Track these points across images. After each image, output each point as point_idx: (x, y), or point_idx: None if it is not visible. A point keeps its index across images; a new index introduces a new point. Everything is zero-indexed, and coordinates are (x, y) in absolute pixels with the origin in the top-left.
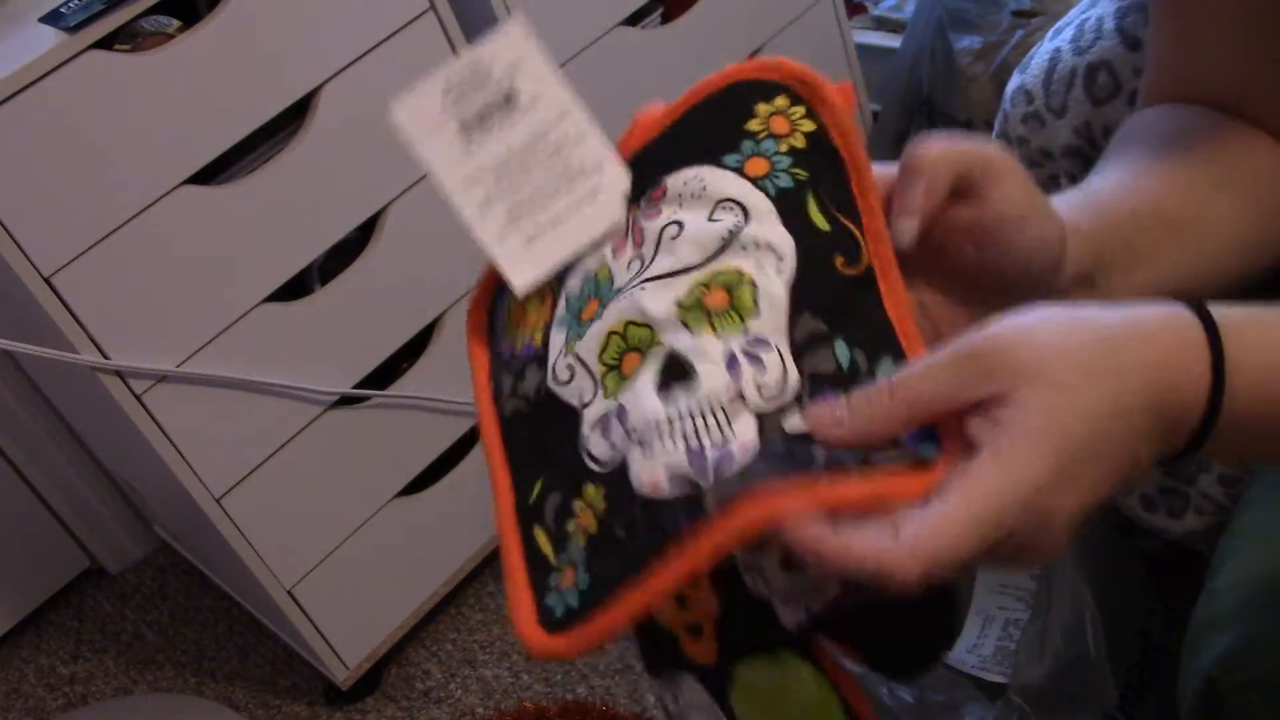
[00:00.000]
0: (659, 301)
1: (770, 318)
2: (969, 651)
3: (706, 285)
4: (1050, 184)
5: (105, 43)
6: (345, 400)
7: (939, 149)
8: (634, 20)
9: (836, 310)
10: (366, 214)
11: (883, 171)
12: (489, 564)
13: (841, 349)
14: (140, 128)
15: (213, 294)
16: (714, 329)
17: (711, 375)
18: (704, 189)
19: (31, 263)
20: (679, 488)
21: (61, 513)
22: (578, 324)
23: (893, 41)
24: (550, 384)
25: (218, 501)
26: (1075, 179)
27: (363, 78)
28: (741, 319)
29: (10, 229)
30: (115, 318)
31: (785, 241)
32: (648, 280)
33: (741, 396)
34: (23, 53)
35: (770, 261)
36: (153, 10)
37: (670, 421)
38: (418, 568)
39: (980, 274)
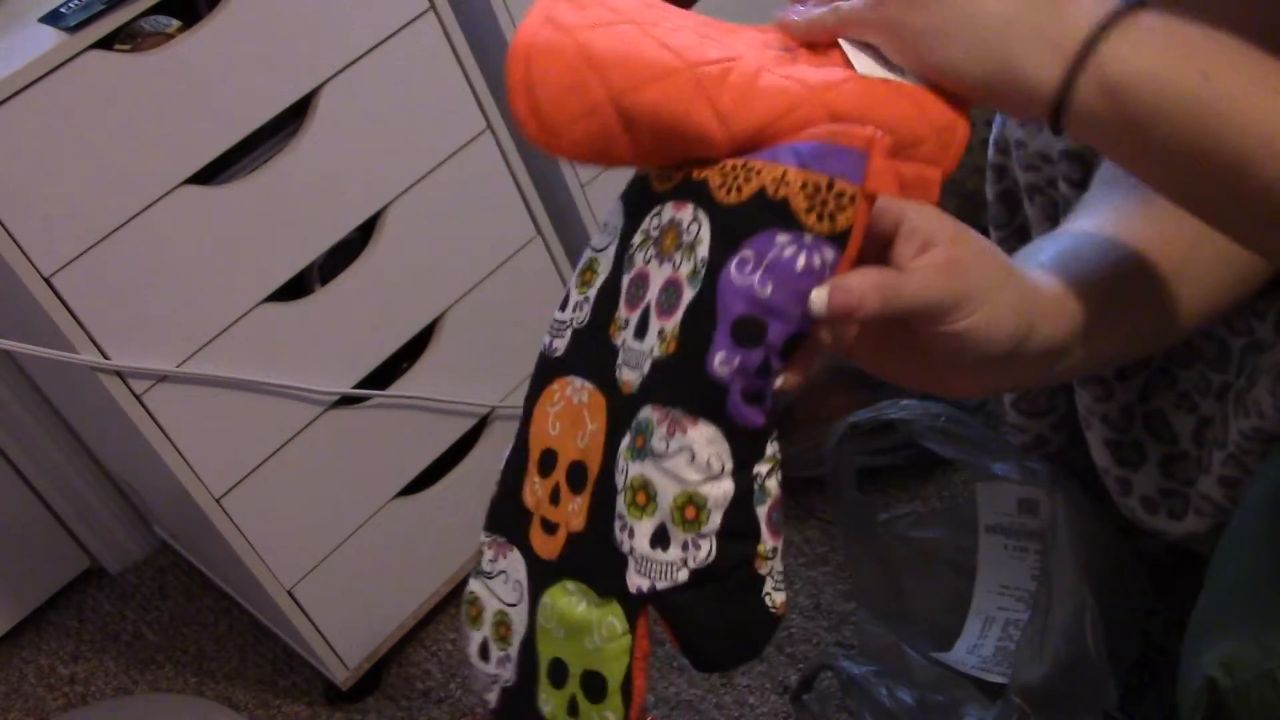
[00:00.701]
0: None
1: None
2: (969, 652)
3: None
4: (1048, 187)
5: (105, 43)
6: (345, 400)
7: (908, 296)
8: None
9: None
10: (366, 214)
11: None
12: None
13: None
14: (140, 128)
15: (213, 294)
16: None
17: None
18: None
19: (31, 263)
20: None
21: (61, 513)
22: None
23: None
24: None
25: (218, 501)
26: (1073, 182)
27: (363, 78)
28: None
29: (10, 229)
30: (115, 318)
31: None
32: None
33: None
34: (23, 53)
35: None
36: (153, 10)
37: None
38: (418, 568)
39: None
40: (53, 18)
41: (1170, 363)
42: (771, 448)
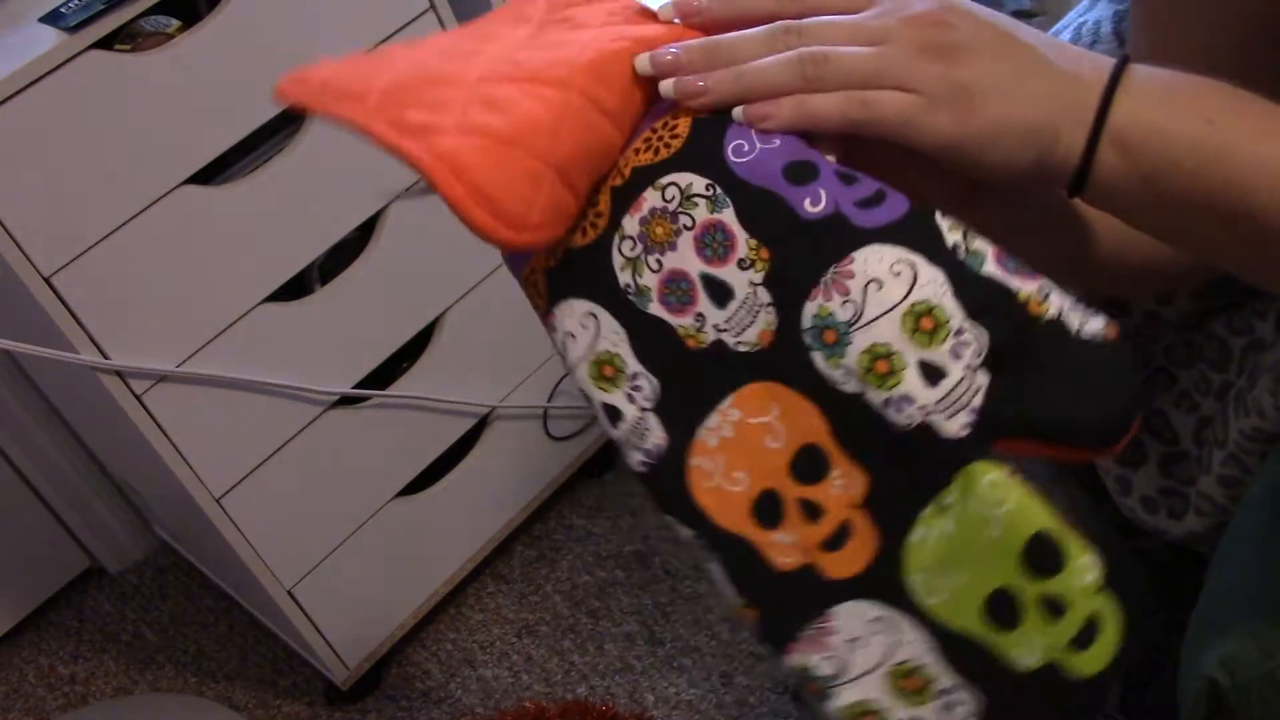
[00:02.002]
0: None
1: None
2: None
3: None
4: None
5: (105, 43)
6: (345, 400)
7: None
8: None
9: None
10: (366, 214)
11: None
12: (489, 564)
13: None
14: (140, 128)
15: (213, 294)
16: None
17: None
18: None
19: (31, 263)
20: None
21: (61, 513)
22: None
23: None
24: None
25: (218, 501)
26: None
27: None
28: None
29: (10, 229)
30: (115, 318)
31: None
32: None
33: None
34: (23, 53)
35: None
36: (153, 10)
37: None
38: (418, 568)
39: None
40: (53, 18)
41: (1170, 362)
42: (944, 220)
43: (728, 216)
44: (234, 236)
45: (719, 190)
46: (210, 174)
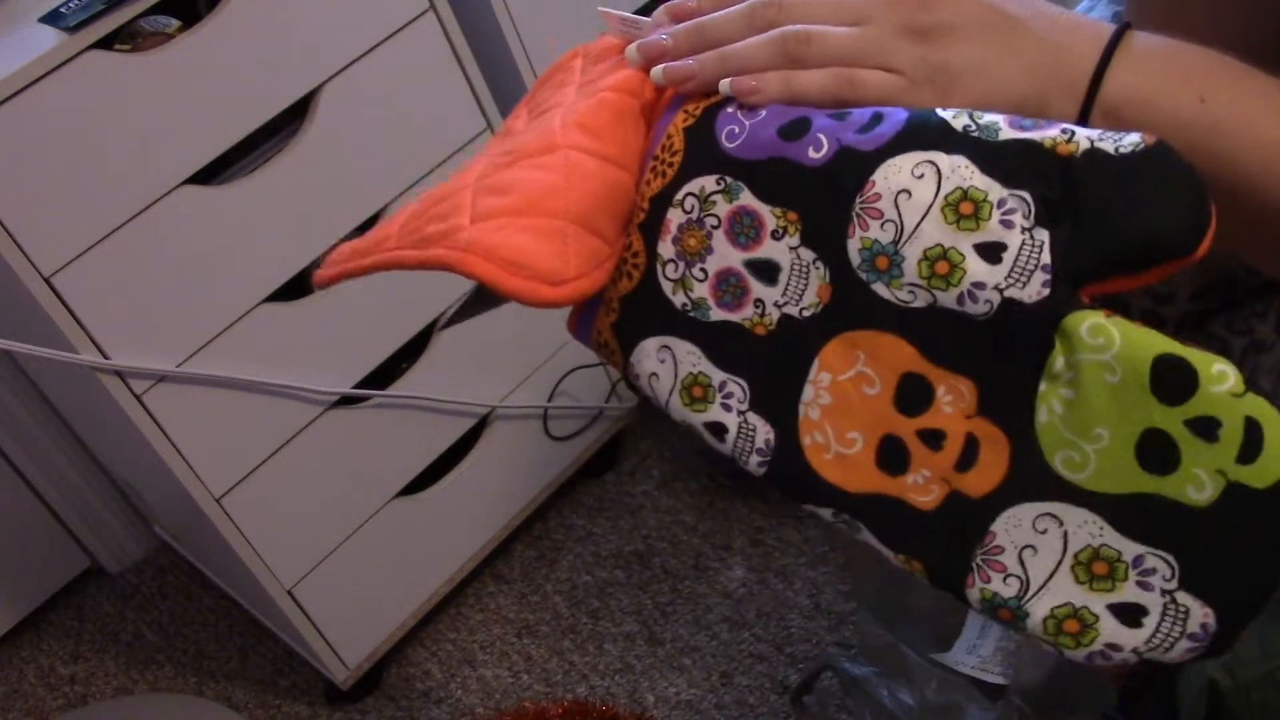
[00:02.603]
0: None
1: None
2: (968, 652)
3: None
4: None
5: (105, 43)
6: (345, 400)
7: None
8: None
9: None
10: (366, 214)
11: None
12: (489, 564)
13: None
14: (140, 128)
15: (213, 294)
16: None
17: None
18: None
19: (31, 263)
20: None
21: (61, 513)
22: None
23: None
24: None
25: (218, 501)
26: None
27: (363, 78)
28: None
29: (10, 229)
30: (115, 318)
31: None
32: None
33: None
34: (23, 53)
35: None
36: (153, 10)
37: None
38: (418, 568)
39: None
40: (53, 18)
41: None
42: (945, 111)
43: (746, 199)
44: (234, 236)
45: (729, 179)
46: (210, 174)
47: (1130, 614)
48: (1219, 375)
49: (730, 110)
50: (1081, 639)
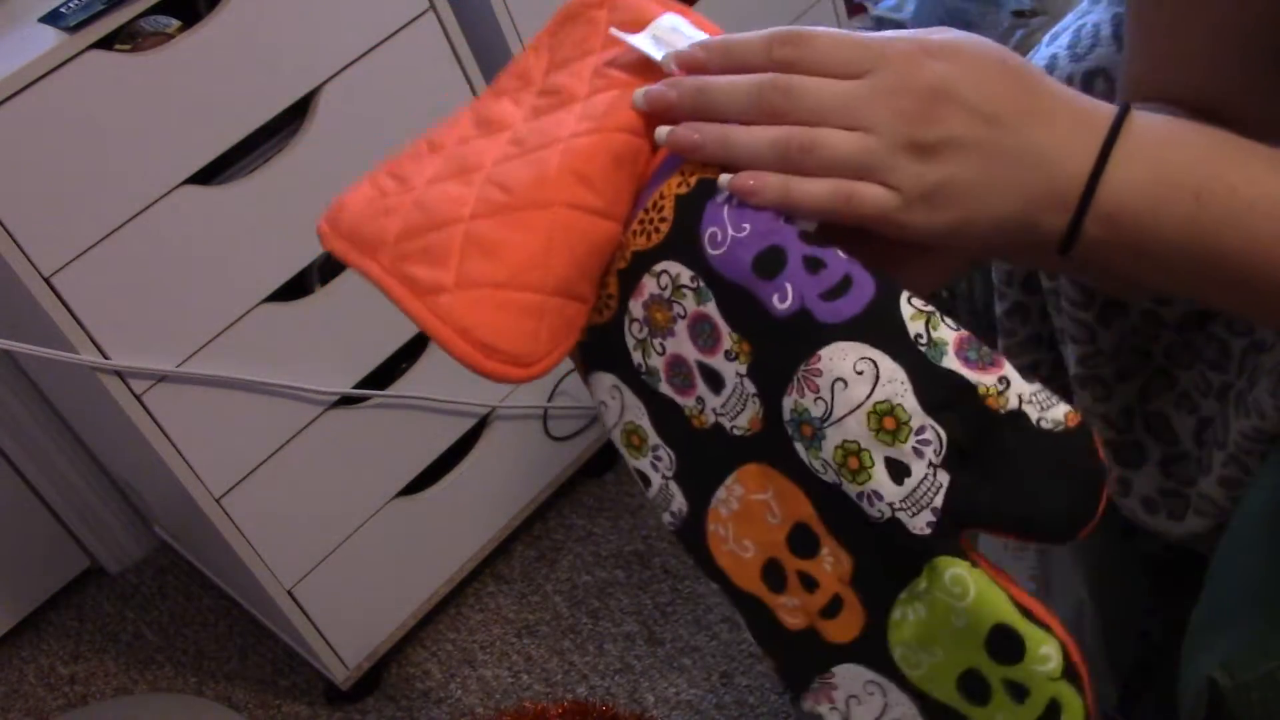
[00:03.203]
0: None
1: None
2: None
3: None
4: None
5: (105, 43)
6: (345, 400)
7: None
8: None
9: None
10: None
11: None
12: (489, 564)
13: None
14: (140, 128)
15: (213, 294)
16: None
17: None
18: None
19: (31, 263)
20: None
21: (61, 513)
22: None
23: None
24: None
25: (218, 501)
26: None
27: (363, 78)
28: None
29: (10, 229)
30: (115, 318)
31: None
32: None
33: None
34: (23, 53)
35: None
36: (153, 10)
37: None
38: (418, 568)
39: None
40: (53, 18)
41: (1170, 363)
42: (909, 307)
43: (711, 310)
44: (234, 236)
45: (702, 283)
46: (210, 174)
47: None
48: (1043, 657)
49: (719, 202)
50: None
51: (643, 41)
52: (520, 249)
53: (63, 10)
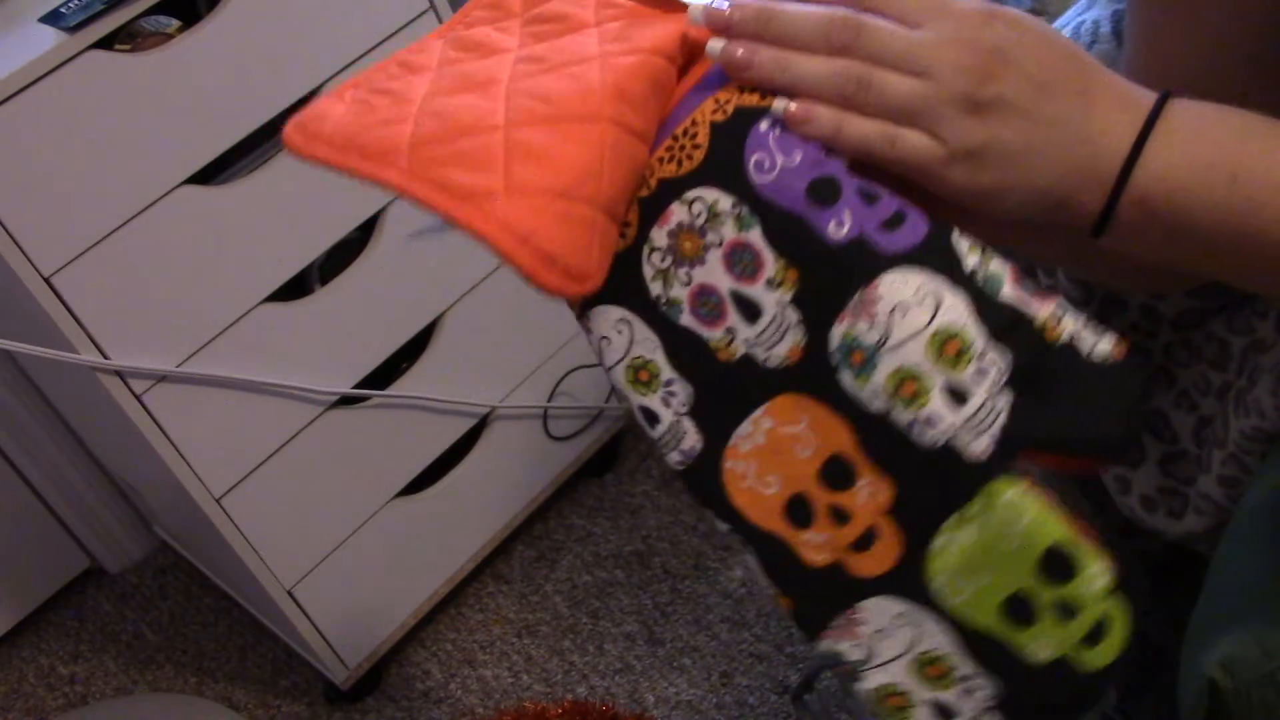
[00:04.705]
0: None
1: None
2: None
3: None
4: None
5: (105, 43)
6: (345, 400)
7: None
8: None
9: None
10: (366, 214)
11: None
12: (489, 564)
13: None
14: (140, 128)
15: (213, 294)
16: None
17: None
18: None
19: (31, 263)
20: None
21: (61, 513)
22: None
23: None
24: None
25: (218, 501)
26: None
27: None
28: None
29: (10, 229)
30: (115, 318)
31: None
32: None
33: None
34: (23, 53)
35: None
36: (153, 10)
37: None
38: (418, 568)
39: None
40: (53, 18)
41: (1170, 362)
42: (963, 241)
43: (754, 237)
44: (234, 236)
45: (745, 210)
46: (210, 174)
47: (945, 712)
48: (1095, 574)
49: (764, 129)
50: (900, 715)
51: None
52: (575, 160)
53: (63, 10)
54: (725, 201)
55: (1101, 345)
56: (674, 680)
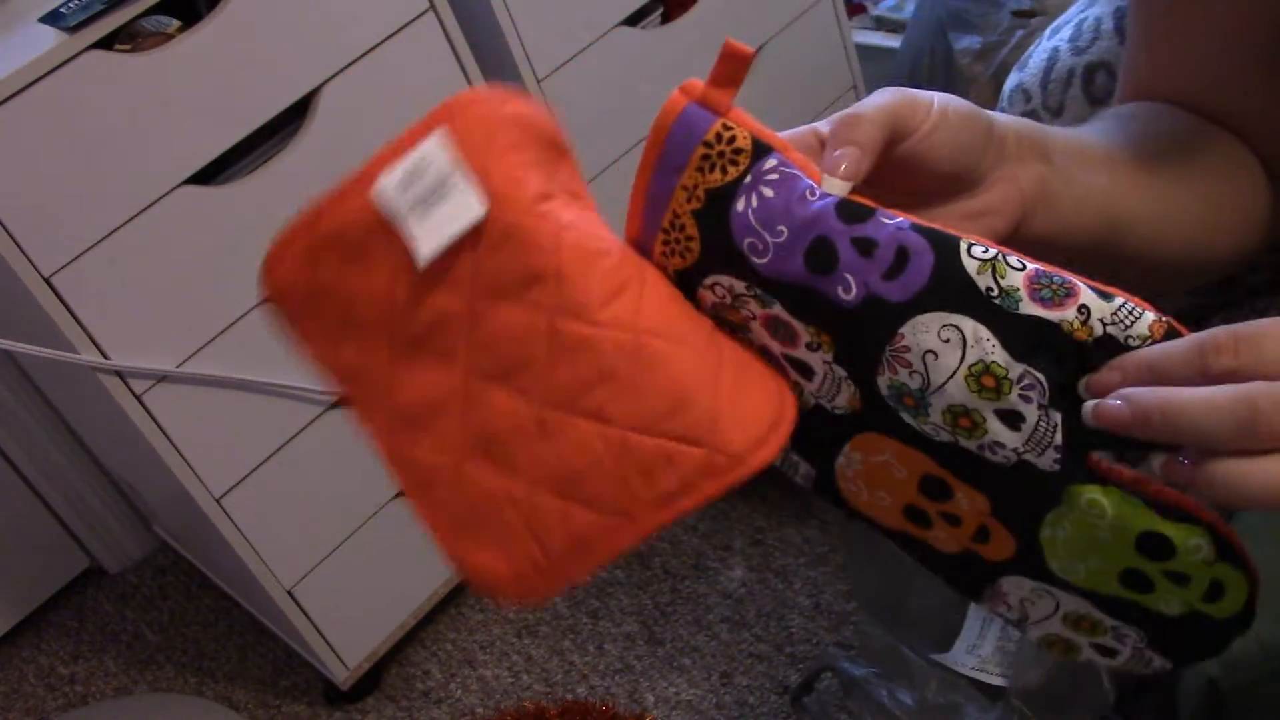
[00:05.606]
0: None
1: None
2: (968, 652)
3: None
4: None
5: (105, 43)
6: (345, 400)
7: (867, 119)
8: (634, 20)
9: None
10: None
11: (800, 133)
12: None
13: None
14: (140, 128)
15: (213, 294)
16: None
17: None
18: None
19: (31, 263)
20: None
21: (61, 513)
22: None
23: (893, 42)
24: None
25: (218, 501)
26: None
27: (363, 78)
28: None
29: (10, 229)
30: (115, 318)
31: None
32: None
33: None
34: (23, 53)
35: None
36: (153, 10)
37: None
38: (418, 568)
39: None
40: (53, 18)
41: None
42: (971, 260)
43: (779, 310)
44: (234, 236)
45: (759, 290)
46: (210, 174)
47: (1107, 651)
48: (1193, 548)
49: (740, 210)
50: (1070, 655)
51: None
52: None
53: (63, 10)
54: (739, 285)
55: (1137, 327)
56: (674, 680)
